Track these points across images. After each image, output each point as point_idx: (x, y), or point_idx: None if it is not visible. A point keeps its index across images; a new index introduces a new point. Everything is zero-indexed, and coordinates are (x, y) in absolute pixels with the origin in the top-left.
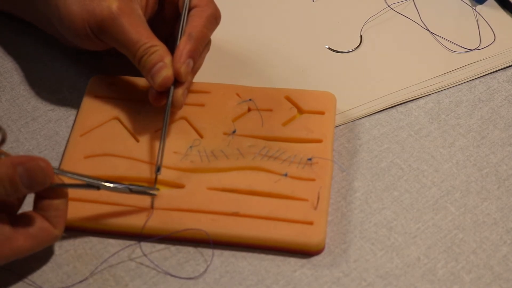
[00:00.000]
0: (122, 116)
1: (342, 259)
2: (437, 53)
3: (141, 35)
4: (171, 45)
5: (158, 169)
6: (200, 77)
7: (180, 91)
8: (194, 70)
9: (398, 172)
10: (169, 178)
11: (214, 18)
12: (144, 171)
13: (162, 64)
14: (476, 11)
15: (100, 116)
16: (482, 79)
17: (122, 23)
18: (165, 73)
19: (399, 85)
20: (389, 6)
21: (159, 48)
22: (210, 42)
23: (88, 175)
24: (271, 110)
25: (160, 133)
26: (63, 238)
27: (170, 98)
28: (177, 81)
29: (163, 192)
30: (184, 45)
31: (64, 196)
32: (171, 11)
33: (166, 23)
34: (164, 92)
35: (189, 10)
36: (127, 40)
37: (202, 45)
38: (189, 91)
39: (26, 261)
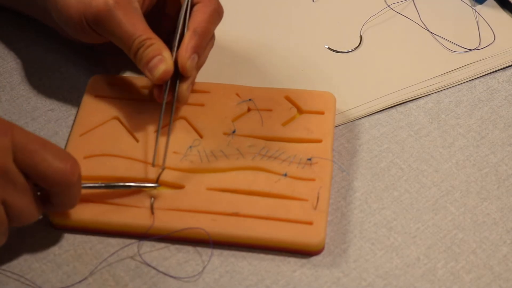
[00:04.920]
0: (122, 116)
1: (342, 259)
2: (437, 53)
3: (136, 28)
4: (173, 40)
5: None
6: (200, 77)
7: (185, 86)
8: (199, 65)
9: (398, 172)
10: (169, 178)
11: (217, 13)
12: (144, 172)
13: (160, 57)
14: (476, 11)
15: (100, 116)
16: (482, 79)
17: (117, 16)
18: (164, 67)
19: (399, 85)
20: (389, 6)
21: (155, 42)
22: (214, 37)
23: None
24: (271, 110)
25: (161, 132)
26: (63, 238)
27: (175, 94)
28: (182, 76)
29: (163, 192)
30: (189, 40)
31: None
32: (173, 6)
33: (168, 17)
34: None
35: (192, 5)
36: (122, 33)
37: (206, 41)
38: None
39: (26, 261)
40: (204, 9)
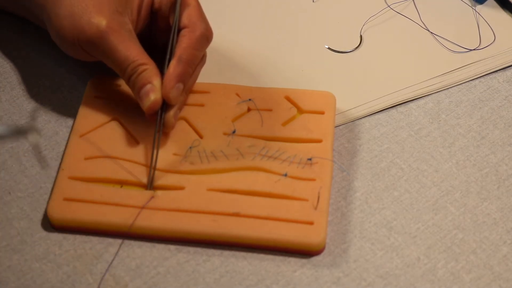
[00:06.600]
0: (122, 117)
1: (342, 259)
2: (437, 53)
3: (130, 52)
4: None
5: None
6: (200, 77)
7: (171, 112)
8: (187, 89)
9: (398, 172)
10: (169, 182)
11: (205, 38)
12: (144, 174)
13: (150, 86)
14: (476, 11)
15: (100, 117)
16: (482, 79)
17: (111, 40)
18: (153, 97)
19: (399, 85)
20: (389, 6)
21: (148, 68)
22: (205, 56)
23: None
24: (270, 110)
25: (158, 136)
26: (63, 238)
27: (161, 119)
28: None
29: (163, 193)
30: (173, 68)
31: None
32: (164, 24)
33: (162, 32)
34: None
35: (180, 30)
36: (115, 58)
37: (192, 67)
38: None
39: (26, 261)
40: (190, 34)
